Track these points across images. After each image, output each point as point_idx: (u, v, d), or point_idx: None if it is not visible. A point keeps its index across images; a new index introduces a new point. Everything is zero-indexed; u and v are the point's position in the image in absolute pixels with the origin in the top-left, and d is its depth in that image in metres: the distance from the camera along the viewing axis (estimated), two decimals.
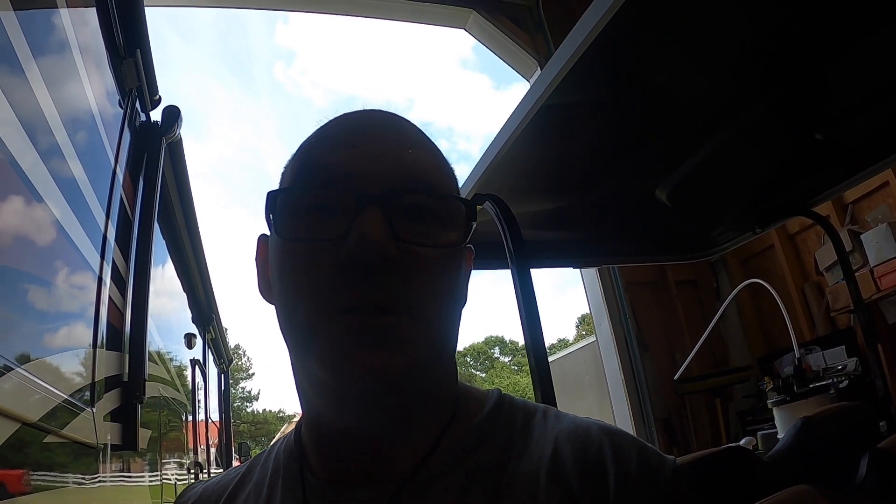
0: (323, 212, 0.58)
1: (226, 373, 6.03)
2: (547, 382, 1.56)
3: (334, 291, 0.55)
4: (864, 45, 1.57)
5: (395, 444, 0.61)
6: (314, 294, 0.57)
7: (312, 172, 0.61)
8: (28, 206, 1.19)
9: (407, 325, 0.56)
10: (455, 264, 0.61)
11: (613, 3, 1.24)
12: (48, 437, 1.24)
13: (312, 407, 0.64)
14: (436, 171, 0.63)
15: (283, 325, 0.61)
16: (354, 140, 0.61)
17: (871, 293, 4.05)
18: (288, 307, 0.60)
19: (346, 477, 0.62)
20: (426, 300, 0.57)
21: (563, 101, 1.58)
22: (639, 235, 2.82)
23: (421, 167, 0.61)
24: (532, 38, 5.56)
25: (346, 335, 0.55)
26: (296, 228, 0.59)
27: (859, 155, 2.25)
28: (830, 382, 3.50)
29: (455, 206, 0.62)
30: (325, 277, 0.56)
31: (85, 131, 1.60)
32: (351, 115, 0.65)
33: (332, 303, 0.56)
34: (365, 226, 0.54)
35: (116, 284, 1.84)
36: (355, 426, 0.61)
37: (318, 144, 0.63)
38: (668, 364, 4.94)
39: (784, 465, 1.76)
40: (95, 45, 1.74)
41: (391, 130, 0.63)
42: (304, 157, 0.64)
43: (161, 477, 2.63)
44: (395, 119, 0.66)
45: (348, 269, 0.55)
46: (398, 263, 0.55)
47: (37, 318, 1.27)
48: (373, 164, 0.59)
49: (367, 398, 0.58)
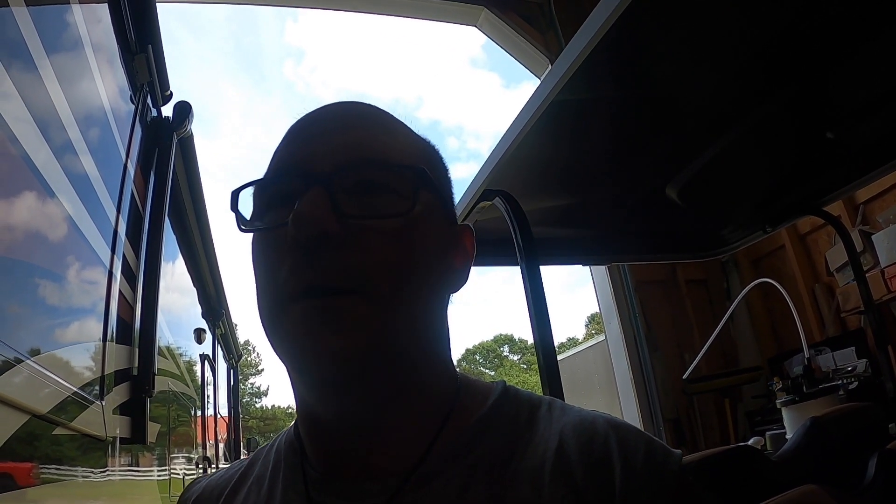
0: (282, 201, 0.59)
1: (235, 368, 6.06)
2: (555, 380, 1.56)
3: (289, 277, 0.55)
4: (876, 44, 1.56)
5: (383, 434, 0.60)
6: (269, 283, 0.57)
7: (272, 168, 0.63)
8: (40, 201, 1.20)
9: (360, 306, 0.54)
10: (416, 236, 0.59)
11: (622, 1, 1.23)
12: (58, 430, 1.25)
13: (301, 399, 0.64)
14: (388, 146, 0.61)
15: (260, 318, 0.61)
16: (312, 132, 0.63)
17: (882, 294, 4.03)
18: (258, 300, 0.60)
19: (345, 469, 0.61)
20: (379, 277, 0.55)
21: (574, 97, 1.57)
22: (649, 233, 2.80)
23: (370, 142, 0.60)
24: (543, 36, 5.54)
25: (300, 321, 0.54)
26: (257, 221, 0.61)
27: (871, 154, 2.23)
28: (840, 383, 3.48)
29: (404, 175, 0.60)
30: (277, 264, 0.57)
31: (96, 126, 1.61)
32: (311, 112, 0.66)
33: (284, 290, 0.55)
34: (301, 206, 0.54)
35: (127, 279, 1.85)
36: (334, 414, 0.60)
37: (282, 142, 0.65)
38: (677, 364, 4.92)
39: (792, 464, 1.75)
40: (107, 41, 1.75)
41: (343, 113, 0.64)
42: (272, 158, 0.65)
43: (169, 471, 2.64)
44: (353, 104, 0.66)
45: (292, 250, 0.55)
46: (341, 239, 0.55)
47: (48, 312, 1.28)
48: (319, 145, 0.60)
49: (333, 384, 0.57)
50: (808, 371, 2.95)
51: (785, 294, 3.54)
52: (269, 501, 0.65)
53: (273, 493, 0.65)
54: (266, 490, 0.66)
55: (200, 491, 0.73)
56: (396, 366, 0.59)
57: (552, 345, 1.61)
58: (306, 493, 0.62)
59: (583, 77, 1.47)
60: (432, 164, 0.68)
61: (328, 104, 0.66)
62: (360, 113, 0.65)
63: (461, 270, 0.68)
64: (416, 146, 0.66)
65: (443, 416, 0.63)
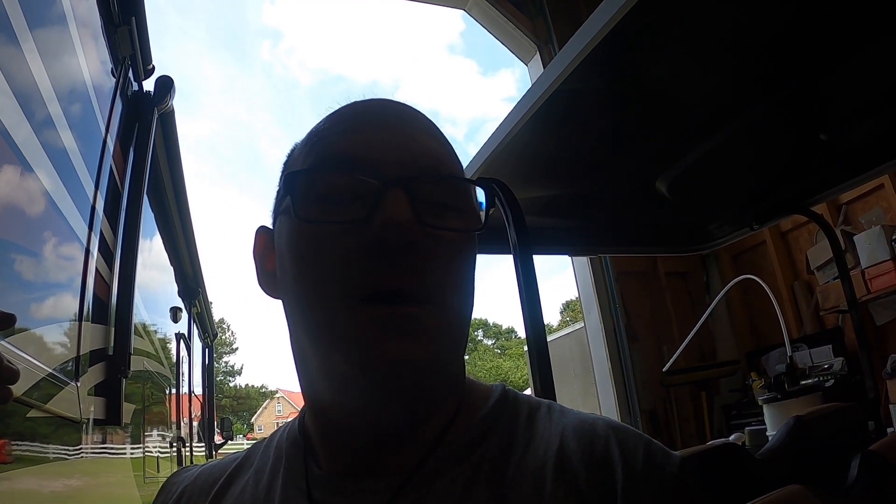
0: (342, 196, 0.57)
1: (210, 347, 6.01)
2: (546, 369, 1.55)
3: (358, 277, 0.54)
4: (870, 51, 1.57)
5: (403, 437, 0.61)
6: (336, 280, 0.55)
7: (329, 158, 0.60)
8: (15, 175, 1.15)
9: (432, 316, 0.55)
10: (472, 251, 0.61)
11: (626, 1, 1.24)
12: (32, 412, 1.21)
13: (322, 397, 0.62)
14: (448, 159, 0.62)
15: (295, 314, 0.60)
16: (370, 127, 0.61)
17: (862, 294, 4.09)
18: (302, 296, 0.58)
19: (352, 468, 0.61)
20: (449, 290, 0.57)
21: (571, 90, 1.57)
22: (636, 226, 2.81)
23: (435, 155, 0.61)
24: (532, 22, 5.57)
25: (371, 324, 0.53)
26: (315, 211, 0.58)
27: (862, 157, 2.25)
28: (820, 381, 3.52)
29: (472, 191, 0.62)
30: (348, 262, 0.55)
31: (76, 99, 1.57)
32: (363, 104, 0.64)
33: (356, 289, 0.54)
34: (392, 208, 0.53)
35: (104, 256, 1.81)
36: (370, 418, 0.59)
37: (334, 130, 0.62)
38: (655, 355, 4.98)
39: (776, 463, 1.77)
40: (90, 11, 1.69)
41: (406, 120, 0.63)
42: (318, 144, 0.62)
43: (143, 450, 2.61)
44: (408, 109, 0.65)
45: (374, 251, 0.53)
46: (423, 247, 0.54)
47: (22, 289, 1.25)
48: (391, 151, 0.59)
49: (390, 389, 0.56)
50: (790, 369, 2.98)
51: (768, 291, 3.57)
52: (267, 496, 0.64)
53: (272, 487, 0.65)
54: (265, 484, 0.66)
55: (193, 479, 0.72)
56: (444, 376, 0.61)
57: (543, 334, 1.60)
58: (307, 490, 0.62)
59: (580, 72, 1.47)
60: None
61: (374, 98, 0.65)
62: (416, 117, 0.64)
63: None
64: (457, 157, 0.67)
65: (449, 418, 0.64)
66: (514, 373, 38.86)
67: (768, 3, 1.37)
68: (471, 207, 0.61)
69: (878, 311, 4.23)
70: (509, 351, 44.84)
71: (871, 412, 2.47)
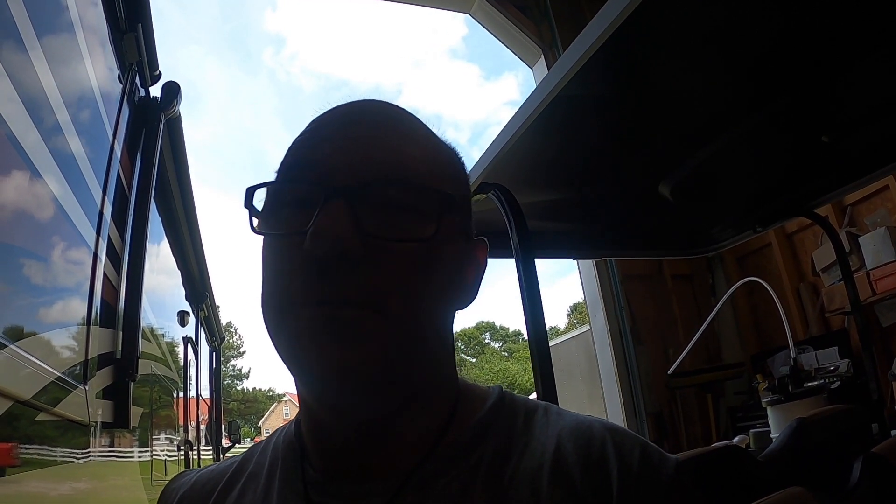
0: (299, 205, 0.57)
1: (217, 351, 6.02)
2: (548, 372, 1.55)
3: (297, 288, 0.54)
4: (874, 56, 1.57)
5: (387, 440, 0.61)
6: (280, 288, 0.56)
7: (290, 167, 0.60)
8: (25, 181, 1.17)
9: (369, 321, 0.53)
10: (433, 258, 0.57)
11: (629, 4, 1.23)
12: (41, 415, 1.23)
13: (306, 398, 0.63)
14: (416, 162, 0.59)
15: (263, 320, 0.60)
16: (331, 131, 0.60)
17: (867, 296, 4.07)
18: (263, 303, 0.59)
19: (347, 470, 0.61)
20: (394, 296, 0.54)
21: (573, 95, 1.57)
22: (641, 229, 2.81)
23: (397, 158, 0.58)
24: (537, 27, 5.56)
25: (305, 328, 0.54)
26: (271, 223, 0.59)
27: (865, 159, 2.25)
28: (824, 383, 3.51)
29: (430, 197, 0.58)
30: (290, 272, 0.55)
31: (84, 106, 1.58)
32: (337, 108, 0.63)
33: (294, 296, 0.55)
34: (322, 220, 0.53)
35: (111, 261, 1.82)
36: (343, 416, 0.60)
37: (300, 138, 0.62)
38: (661, 358, 4.95)
39: (778, 465, 1.76)
40: (97, 19, 1.71)
41: (371, 120, 0.61)
42: (288, 152, 0.62)
43: (151, 453, 2.62)
44: (382, 108, 0.64)
45: (307, 264, 0.53)
46: (361, 258, 0.53)
47: (31, 293, 1.26)
48: (344, 156, 0.57)
49: (335, 396, 0.57)
50: (794, 371, 2.97)
51: (772, 293, 3.56)
52: (265, 500, 0.64)
53: (269, 492, 0.64)
54: (262, 489, 0.65)
55: (191, 484, 0.72)
56: (401, 380, 0.58)
57: (545, 337, 1.61)
58: (304, 493, 0.62)
59: (583, 76, 1.47)
60: (457, 178, 0.66)
61: (353, 101, 0.64)
62: (386, 119, 0.62)
63: (472, 285, 0.67)
64: (440, 159, 0.64)
65: (444, 420, 0.64)
66: (522, 376, 38.68)
67: (770, 9, 1.37)
68: (431, 213, 0.57)
69: (884, 313, 4.21)
70: (516, 354, 44.69)
71: (875, 414, 2.46)
